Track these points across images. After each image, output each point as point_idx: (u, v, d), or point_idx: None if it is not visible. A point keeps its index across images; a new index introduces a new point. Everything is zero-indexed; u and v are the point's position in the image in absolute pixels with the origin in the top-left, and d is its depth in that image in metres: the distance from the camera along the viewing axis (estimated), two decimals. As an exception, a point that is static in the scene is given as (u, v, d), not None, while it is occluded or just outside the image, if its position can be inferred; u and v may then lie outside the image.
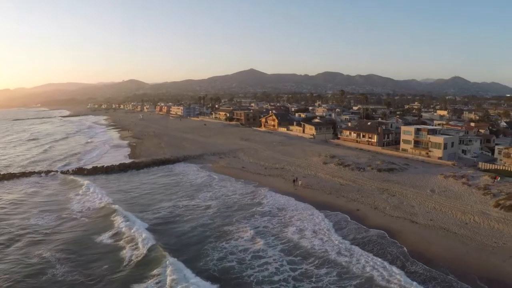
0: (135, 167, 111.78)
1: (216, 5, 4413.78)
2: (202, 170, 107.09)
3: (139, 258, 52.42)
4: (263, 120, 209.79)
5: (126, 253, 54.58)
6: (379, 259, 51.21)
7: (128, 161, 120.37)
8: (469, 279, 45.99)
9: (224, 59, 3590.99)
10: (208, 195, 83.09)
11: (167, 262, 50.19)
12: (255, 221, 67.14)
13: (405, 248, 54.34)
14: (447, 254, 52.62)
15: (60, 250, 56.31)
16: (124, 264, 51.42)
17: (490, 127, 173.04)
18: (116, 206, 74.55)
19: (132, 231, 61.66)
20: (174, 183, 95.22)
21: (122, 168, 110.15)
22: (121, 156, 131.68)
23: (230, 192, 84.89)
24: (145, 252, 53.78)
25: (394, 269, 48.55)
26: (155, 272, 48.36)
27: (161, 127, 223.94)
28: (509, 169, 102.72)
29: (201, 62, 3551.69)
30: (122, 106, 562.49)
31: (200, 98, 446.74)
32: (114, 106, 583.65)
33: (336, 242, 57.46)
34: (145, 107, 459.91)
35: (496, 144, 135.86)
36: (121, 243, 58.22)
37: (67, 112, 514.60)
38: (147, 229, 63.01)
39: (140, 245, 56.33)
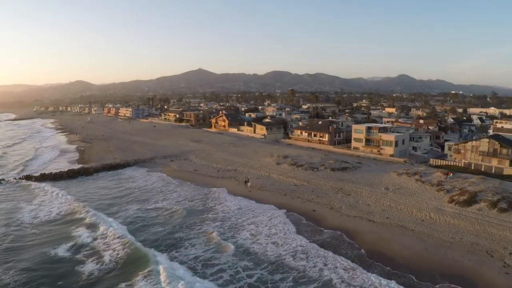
0: (84, 173, 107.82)
1: (163, 5, 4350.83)
2: (153, 174, 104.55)
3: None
4: (213, 120, 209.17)
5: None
6: (338, 261, 51.41)
7: (77, 166, 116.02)
8: (429, 276, 47.03)
9: (172, 59, 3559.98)
10: (160, 201, 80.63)
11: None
12: (207, 226, 65.73)
13: (362, 250, 54.81)
14: (406, 252, 53.67)
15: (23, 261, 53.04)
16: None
17: (439, 124, 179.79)
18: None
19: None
20: (123, 189, 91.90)
21: (71, 175, 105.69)
22: (69, 162, 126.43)
23: (181, 198, 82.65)
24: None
25: (354, 271, 48.84)
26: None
27: (110, 130, 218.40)
28: (459, 165, 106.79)
29: (149, 62, 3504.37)
30: (69, 109, 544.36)
31: (149, 99, 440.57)
32: (61, 109, 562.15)
33: (294, 244, 57.20)
34: (93, 109, 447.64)
35: (446, 140, 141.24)
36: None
37: (12, 116, 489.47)
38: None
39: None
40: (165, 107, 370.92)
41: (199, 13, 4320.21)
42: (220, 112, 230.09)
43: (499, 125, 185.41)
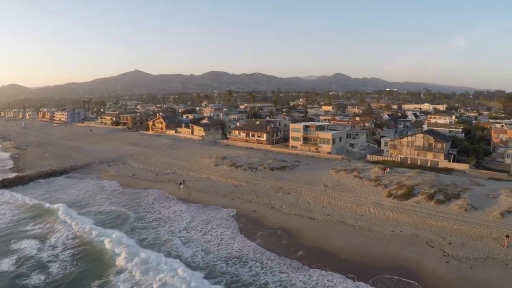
0: (20, 182, 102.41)
1: (98, 4, 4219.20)
2: (90, 180, 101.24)
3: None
4: (150, 123, 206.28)
5: None
6: (277, 262, 51.71)
7: (12, 175, 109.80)
8: (372, 270, 48.52)
9: (108, 60, 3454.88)
10: (93, 209, 77.91)
11: None
12: (139, 235, 63.75)
13: (303, 249, 55.52)
14: (349, 247, 55.12)
15: None
16: None
17: (374, 120, 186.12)
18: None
19: None
20: (54, 199, 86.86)
21: (6, 184, 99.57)
22: (2, 171, 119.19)
23: (113, 205, 79.88)
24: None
25: (294, 272, 49.15)
26: None
27: (46, 135, 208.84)
28: (396, 160, 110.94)
29: (84, 64, 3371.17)
30: (2, 114, 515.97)
31: (84, 102, 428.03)
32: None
33: (232, 247, 57.05)
34: (27, 114, 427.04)
35: (382, 137, 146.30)
36: None
37: None
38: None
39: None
40: (102, 110, 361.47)
41: (134, 13, 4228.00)
42: (157, 114, 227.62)
43: (433, 120, 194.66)
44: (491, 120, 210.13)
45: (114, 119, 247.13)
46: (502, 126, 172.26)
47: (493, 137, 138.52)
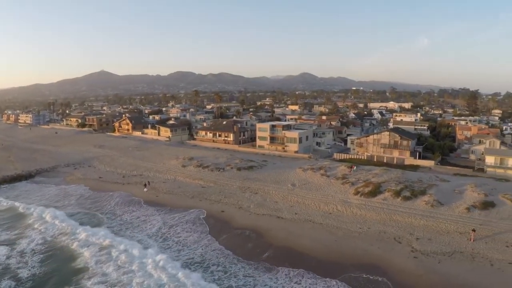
0: None
1: (62, 4, 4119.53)
2: (56, 184, 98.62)
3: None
4: (116, 124, 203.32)
5: None
6: (245, 267, 50.97)
7: None
8: (341, 268, 48.58)
9: (73, 61, 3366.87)
10: (53, 215, 74.45)
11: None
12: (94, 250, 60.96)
13: (271, 249, 55.20)
14: (317, 245, 55.14)
15: None
16: None
17: (341, 119, 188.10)
18: None
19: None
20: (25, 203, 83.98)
21: None
22: None
23: (77, 208, 78.31)
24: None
25: (262, 275, 48.73)
26: None
27: (10, 138, 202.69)
28: (363, 158, 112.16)
29: (49, 64, 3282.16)
30: None
31: (49, 104, 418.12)
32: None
33: (199, 251, 56.14)
34: None
35: (348, 135, 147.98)
36: None
37: None
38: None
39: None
40: (67, 112, 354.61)
41: (101, 13, 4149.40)
42: (124, 115, 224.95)
43: (398, 118, 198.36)
44: (455, 118, 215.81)
45: (80, 121, 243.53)
46: (467, 123, 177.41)
47: (457, 134, 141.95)
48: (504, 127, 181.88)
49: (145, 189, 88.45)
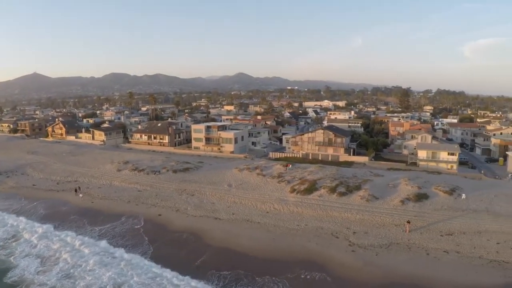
0: None
1: None
2: None
3: None
4: (50, 129, 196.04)
5: None
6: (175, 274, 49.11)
7: None
8: (280, 266, 48.71)
9: (5, 63, 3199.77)
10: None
11: None
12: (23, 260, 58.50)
13: (203, 257, 53.24)
14: (256, 244, 55.10)
15: None
16: None
17: (276, 119, 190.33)
18: None
19: None
20: None
21: None
22: None
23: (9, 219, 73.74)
24: None
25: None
26: None
27: None
28: (298, 156, 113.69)
29: None
30: None
31: None
32: None
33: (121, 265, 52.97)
34: None
35: (283, 134, 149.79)
36: None
37: None
38: None
39: None
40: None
41: (31, 14, 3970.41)
42: (57, 119, 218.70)
43: (332, 116, 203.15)
44: (388, 114, 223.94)
45: (11, 126, 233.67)
46: (399, 119, 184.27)
47: (390, 130, 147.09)
48: (435, 123, 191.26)
49: (81, 195, 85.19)
